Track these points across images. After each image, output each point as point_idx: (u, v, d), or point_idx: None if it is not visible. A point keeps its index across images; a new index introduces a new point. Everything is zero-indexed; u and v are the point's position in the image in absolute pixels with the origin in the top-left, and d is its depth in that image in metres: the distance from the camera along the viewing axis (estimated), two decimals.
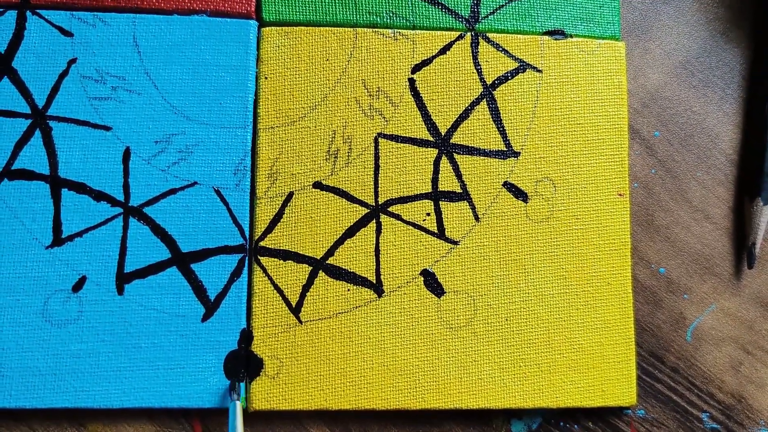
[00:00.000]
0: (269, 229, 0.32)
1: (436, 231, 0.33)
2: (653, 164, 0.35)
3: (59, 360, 0.30)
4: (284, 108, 0.33)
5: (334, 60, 0.33)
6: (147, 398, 0.31)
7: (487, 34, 0.34)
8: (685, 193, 0.35)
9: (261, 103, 0.33)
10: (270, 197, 0.32)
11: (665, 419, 0.34)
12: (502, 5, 0.34)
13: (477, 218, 0.33)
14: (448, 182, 0.33)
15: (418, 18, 0.34)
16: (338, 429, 0.32)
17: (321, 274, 0.32)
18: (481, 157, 0.33)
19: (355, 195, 0.33)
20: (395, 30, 0.34)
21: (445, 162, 0.33)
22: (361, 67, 0.33)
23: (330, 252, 0.32)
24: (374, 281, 0.32)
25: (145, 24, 0.33)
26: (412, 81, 0.34)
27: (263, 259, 0.32)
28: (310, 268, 0.32)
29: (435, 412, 0.33)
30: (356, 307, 0.32)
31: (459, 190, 0.33)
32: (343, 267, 0.32)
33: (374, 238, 0.32)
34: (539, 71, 0.34)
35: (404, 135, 0.33)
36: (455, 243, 0.33)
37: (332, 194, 0.33)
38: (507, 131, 0.34)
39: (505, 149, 0.34)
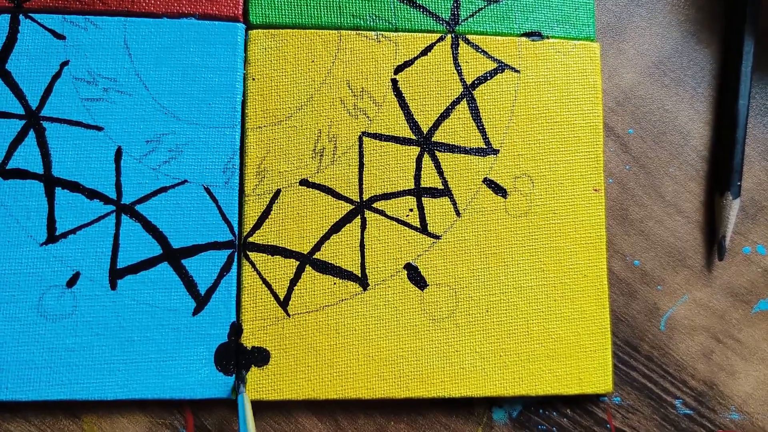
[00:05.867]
0: (257, 226, 0.33)
1: (418, 226, 0.34)
2: (627, 161, 0.37)
3: (54, 353, 0.31)
4: (271, 108, 0.34)
5: (320, 61, 0.34)
6: (140, 390, 0.31)
7: (467, 36, 0.35)
8: (658, 189, 0.37)
9: (249, 104, 0.34)
10: (258, 194, 0.33)
11: (640, 406, 0.35)
12: (481, 8, 0.36)
13: (458, 213, 0.34)
14: (430, 179, 0.34)
15: (400, 20, 0.35)
16: (326, 418, 0.33)
17: (308, 268, 0.33)
18: (462, 155, 0.35)
19: (340, 192, 0.34)
20: (378, 32, 0.35)
21: (427, 159, 0.34)
22: (345, 68, 0.34)
23: (316, 247, 0.33)
24: (359, 275, 0.33)
25: (136, 27, 0.34)
26: (394, 81, 0.35)
27: (252, 255, 0.33)
28: (298, 262, 0.33)
29: (419, 401, 0.34)
30: (342, 300, 0.33)
31: (441, 187, 0.34)
32: (330, 261, 0.33)
33: (359, 234, 0.34)
34: (517, 71, 0.35)
35: (387, 134, 0.34)
36: (437, 237, 0.34)
37: (318, 191, 0.34)
38: (486, 129, 0.35)
39: (484, 147, 0.35)
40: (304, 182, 0.34)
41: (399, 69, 0.35)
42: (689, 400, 0.35)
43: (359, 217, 0.34)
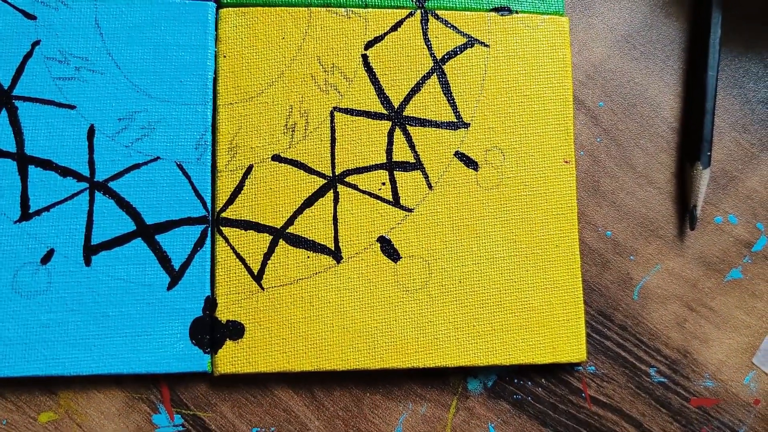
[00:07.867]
0: (230, 201, 0.33)
1: (391, 199, 0.34)
2: (598, 133, 0.37)
3: (29, 330, 0.31)
4: (242, 85, 0.34)
5: (290, 38, 0.35)
6: (116, 365, 0.32)
7: (437, 11, 0.36)
8: (629, 160, 0.37)
9: (220, 81, 0.34)
10: (230, 170, 0.34)
11: (615, 374, 0.35)
12: None
13: (430, 186, 0.35)
14: (401, 153, 0.35)
15: None
16: (302, 390, 0.34)
17: (281, 242, 0.33)
18: (433, 129, 0.35)
19: (312, 166, 0.34)
20: (348, 9, 0.35)
21: (398, 134, 0.35)
22: (315, 44, 0.35)
23: (290, 221, 0.34)
24: (333, 248, 0.34)
25: (107, 6, 0.34)
26: (365, 57, 0.35)
27: (225, 230, 0.33)
28: (271, 237, 0.33)
29: (394, 372, 0.34)
30: (316, 274, 0.33)
31: (412, 160, 0.35)
32: (303, 235, 0.34)
33: (332, 207, 0.34)
34: (487, 46, 0.36)
35: (359, 108, 0.35)
36: (410, 210, 0.34)
37: (290, 166, 0.34)
38: (457, 103, 0.35)
39: (455, 120, 0.35)
40: (276, 157, 0.34)
41: (369, 44, 0.35)
42: (663, 368, 0.36)
43: (332, 191, 0.34)
